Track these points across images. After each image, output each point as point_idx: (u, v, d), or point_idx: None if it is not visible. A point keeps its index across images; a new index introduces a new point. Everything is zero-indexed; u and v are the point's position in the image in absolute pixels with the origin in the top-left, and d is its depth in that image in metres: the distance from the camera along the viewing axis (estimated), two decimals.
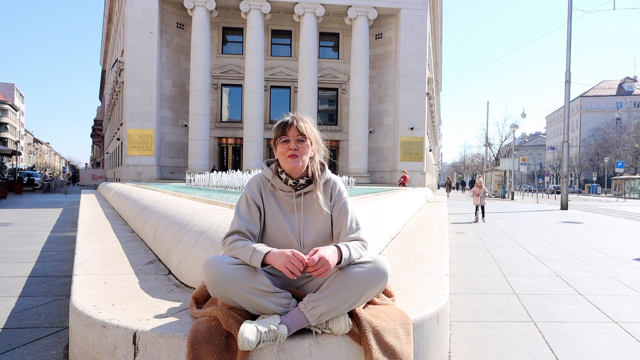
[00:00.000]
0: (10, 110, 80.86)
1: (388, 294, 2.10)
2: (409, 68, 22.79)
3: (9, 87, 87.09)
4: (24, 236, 6.72)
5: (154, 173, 21.54)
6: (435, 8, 30.80)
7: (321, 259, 1.69)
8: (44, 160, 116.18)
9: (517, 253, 6.00)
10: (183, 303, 2.17)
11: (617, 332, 2.85)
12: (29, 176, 32.89)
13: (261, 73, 22.28)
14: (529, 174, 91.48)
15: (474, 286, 4.04)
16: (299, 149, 1.93)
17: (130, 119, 21.61)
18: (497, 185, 31.07)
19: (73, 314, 2.06)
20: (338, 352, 1.76)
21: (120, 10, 28.87)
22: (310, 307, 1.73)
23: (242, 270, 1.76)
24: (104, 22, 42.42)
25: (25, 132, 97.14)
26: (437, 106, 52.84)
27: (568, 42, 18.38)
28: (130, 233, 4.80)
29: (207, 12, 22.05)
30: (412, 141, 22.97)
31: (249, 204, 1.97)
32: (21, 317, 2.86)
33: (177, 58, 23.49)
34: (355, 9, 22.44)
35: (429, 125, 29.94)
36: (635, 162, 54.65)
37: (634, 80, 75.81)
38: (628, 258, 5.75)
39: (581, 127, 73.14)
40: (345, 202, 2.04)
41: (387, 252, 4.00)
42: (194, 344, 1.63)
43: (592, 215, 14.03)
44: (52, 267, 4.47)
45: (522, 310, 3.27)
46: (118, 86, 28.61)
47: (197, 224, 3.05)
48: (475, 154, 67.25)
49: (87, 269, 2.88)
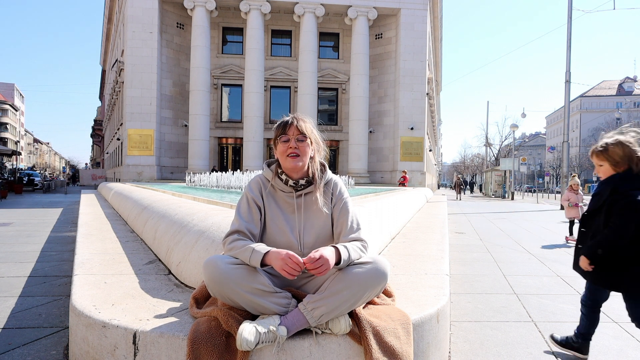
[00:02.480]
0: (10, 110, 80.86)
1: (388, 294, 2.10)
2: (409, 68, 22.79)
3: (9, 87, 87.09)
4: (24, 236, 6.72)
5: (154, 173, 21.54)
6: (435, 8, 30.80)
7: (321, 257, 1.69)
8: (44, 160, 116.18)
9: (517, 253, 6.00)
10: (183, 303, 2.17)
11: (617, 332, 2.85)
12: (29, 176, 32.87)
13: (261, 73, 22.28)
14: (529, 174, 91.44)
15: (474, 286, 4.04)
16: (299, 148, 1.93)
17: (130, 119, 21.61)
18: (497, 186, 31.07)
19: (73, 314, 2.06)
20: (338, 352, 1.76)
21: (120, 10, 28.87)
22: (310, 308, 1.73)
23: (242, 270, 1.76)
24: (104, 22, 42.42)
25: (25, 132, 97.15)
26: (437, 106, 52.84)
27: (568, 42, 18.38)
28: (130, 233, 4.80)
29: (207, 12, 22.04)
30: (412, 141, 22.97)
31: (250, 204, 1.97)
32: (21, 317, 2.86)
33: (177, 58, 23.49)
34: (355, 9, 22.43)
35: (429, 125, 29.94)
36: None
37: (634, 80, 75.82)
38: None
39: (581, 127, 73.14)
40: (346, 202, 2.04)
41: (387, 252, 4.00)
42: (194, 344, 1.63)
43: None
44: (52, 267, 4.47)
45: (522, 310, 3.27)
46: (118, 86, 28.61)
47: (197, 224, 3.05)
48: (475, 154, 67.21)
49: (87, 269, 2.88)
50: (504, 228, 9.31)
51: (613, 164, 2.22)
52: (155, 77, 21.70)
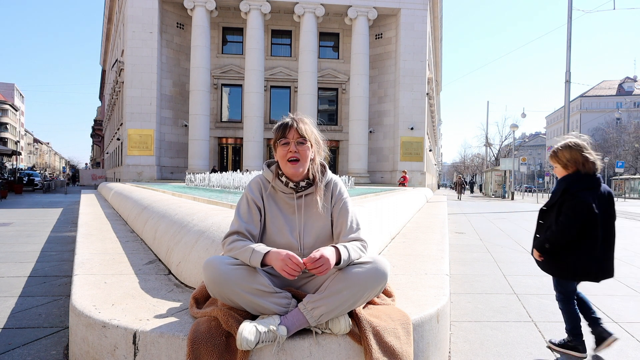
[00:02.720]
0: (10, 110, 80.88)
1: (388, 294, 2.10)
2: (409, 68, 22.80)
3: (9, 87, 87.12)
4: (24, 236, 6.72)
5: (154, 173, 21.54)
6: (435, 8, 30.80)
7: (322, 257, 1.69)
8: (44, 160, 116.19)
9: (517, 253, 6.00)
10: (183, 303, 2.17)
11: (617, 332, 2.85)
12: (29, 176, 32.88)
13: (261, 73, 22.28)
14: (529, 174, 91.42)
15: (474, 286, 4.04)
16: (300, 151, 1.92)
17: (130, 119, 21.61)
18: (497, 186, 31.07)
19: (73, 314, 2.06)
20: (338, 352, 1.76)
21: (120, 10, 28.88)
22: (310, 308, 1.73)
23: (241, 270, 1.76)
24: (104, 22, 42.42)
25: (25, 132, 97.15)
26: (437, 106, 52.84)
27: (568, 42, 18.38)
28: (130, 233, 4.80)
29: (207, 12, 22.05)
30: (412, 141, 22.97)
31: (250, 204, 1.97)
32: (21, 317, 2.86)
33: (177, 58, 23.49)
34: (355, 9, 22.44)
35: (429, 125, 29.94)
36: (635, 162, 54.65)
37: (634, 80, 75.82)
38: (628, 258, 5.75)
39: (581, 127, 73.07)
40: (346, 202, 2.04)
41: (387, 252, 4.00)
42: (194, 344, 1.64)
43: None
44: (52, 267, 4.47)
45: (522, 310, 3.27)
46: (118, 86, 28.62)
47: (197, 224, 3.05)
48: (475, 154, 67.23)
49: (87, 269, 2.88)
50: (504, 228, 9.31)
51: (563, 166, 2.47)
52: (155, 77, 21.70)
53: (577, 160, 2.41)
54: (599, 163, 2.42)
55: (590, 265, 2.39)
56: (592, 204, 2.34)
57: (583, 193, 2.36)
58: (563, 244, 2.42)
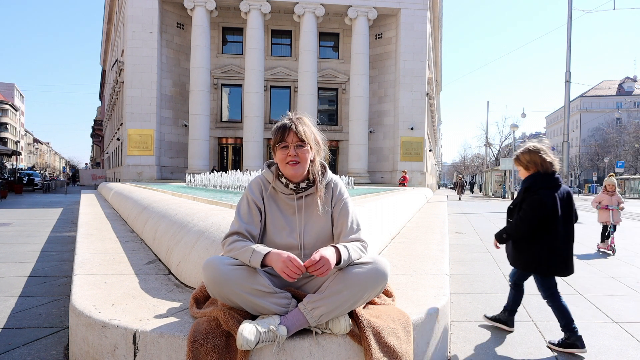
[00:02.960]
0: (10, 110, 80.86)
1: (388, 294, 2.10)
2: (409, 68, 22.79)
3: (9, 87, 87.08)
4: (24, 236, 6.72)
5: (154, 173, 21.54)
6: (435, 8, 30.79)
7: (322, 258, 1.69)
8: (44, 160, 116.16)
9: None
10: (183, 303, 2.17)
11: (617, 332, 2.85)
12: (29, 176, 32.88)
13: (261, 73, 22.27)
14: None
15: (474, 286, 4.04)
16: (299, 154, 1.91)
17: (130, 119, 21.61)
18: (497, 186, 31.07)
19: (73, 314, 2.06)
20: (338, 352, 1.76)
21: (120, 10, 28.87)
22: (310, 308, 1.73)
23: (241, 271, 1.76)
24: (104, 22, 42.41)
25: (25, 132, 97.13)
26: (437, 106, 52.83)
27: (568, 42, 18.38)
28: (130, 233, 4.80)
29: (207, 12, 22.04)
30: (412, 141, 22.96)
31: (250, 205, 1.97)
32: (21, 317, 2.86)
33: (177, 58, 23.48)
34: (355, 9, 22.43)
35: (429, 125, 29.94)
36: (635, 162, 54.64)
37: (634, 80, 75.78)
38: (628, 258, 5.75)
39: (581, 127, 73.11)
40: (346, 202, 2.03)
41: (387, 252, 4.00)
42: (194, 344, 1.64)
43: (592, 215, 14.01)
44: (52, 267, 4.48)
45: (522, 310, 3.27)
46: (118, 86, 28.61)
47: (197, 224, 3.05)
48: (475, 154, 67.22)
49: (87, 269, 2.88)
50: None
51: (524, 168, 2.68)
52: (155, 77, 21.69)
53: (536, 161, 2.61)
54: (556, 163, 2.61)
55: (552, 258, 2.57)
56: (550, 201, 2.52)
57: (543, 191, 2.55)
58: (520, 237, 2.63)
